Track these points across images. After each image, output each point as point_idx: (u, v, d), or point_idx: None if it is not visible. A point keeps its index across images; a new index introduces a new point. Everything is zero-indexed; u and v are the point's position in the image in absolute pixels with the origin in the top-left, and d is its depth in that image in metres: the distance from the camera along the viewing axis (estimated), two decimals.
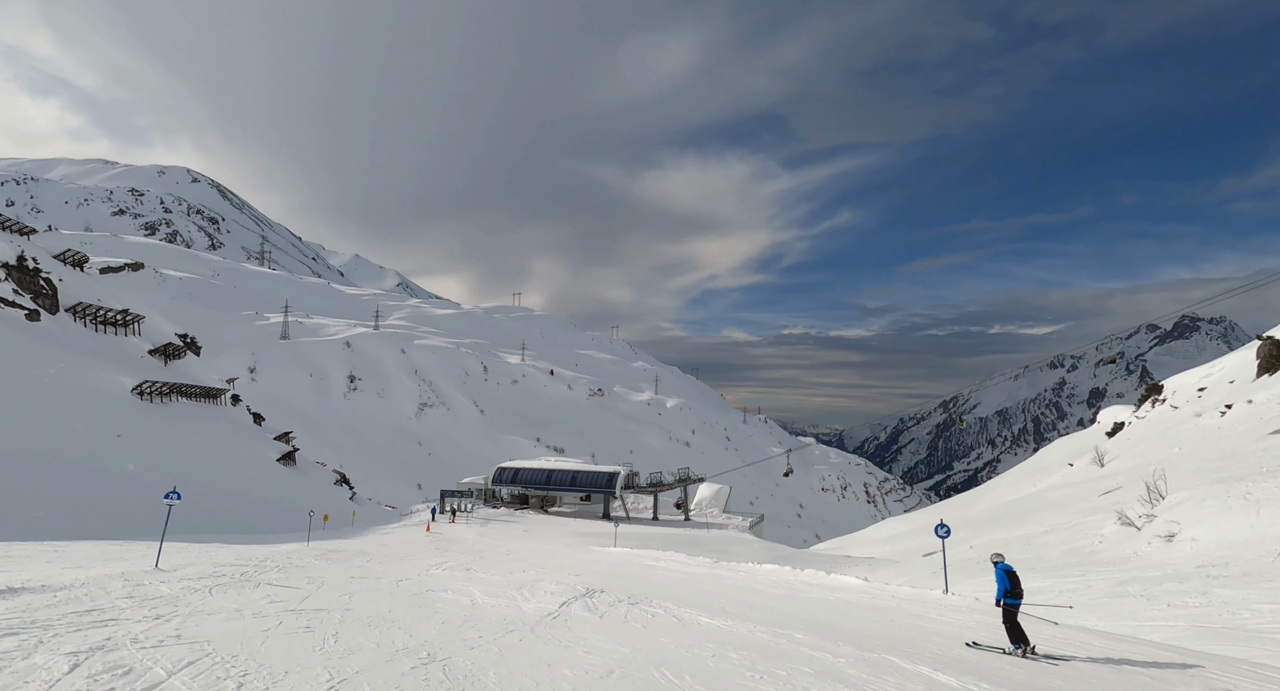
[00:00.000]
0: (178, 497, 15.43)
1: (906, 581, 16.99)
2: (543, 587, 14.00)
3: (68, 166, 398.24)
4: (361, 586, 13.22)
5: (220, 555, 17.40)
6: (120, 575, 12.02)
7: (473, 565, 18.58)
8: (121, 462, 30.55)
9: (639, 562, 21.69)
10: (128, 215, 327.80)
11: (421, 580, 14.88)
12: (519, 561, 20.41)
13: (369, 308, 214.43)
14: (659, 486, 54.19)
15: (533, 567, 18.93)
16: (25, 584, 10.30)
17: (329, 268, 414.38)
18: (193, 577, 12.53)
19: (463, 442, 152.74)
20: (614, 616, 10.97)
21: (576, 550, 26.54)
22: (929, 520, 52.01)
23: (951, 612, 12.45)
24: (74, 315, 40.74)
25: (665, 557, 23.23)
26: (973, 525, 29.51)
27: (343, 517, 39.57)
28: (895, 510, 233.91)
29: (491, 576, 16.17)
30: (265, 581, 12.84)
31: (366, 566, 17.46)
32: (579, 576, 16.64)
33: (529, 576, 16.25)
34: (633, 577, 17.26)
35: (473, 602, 11.81)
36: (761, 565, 19.54)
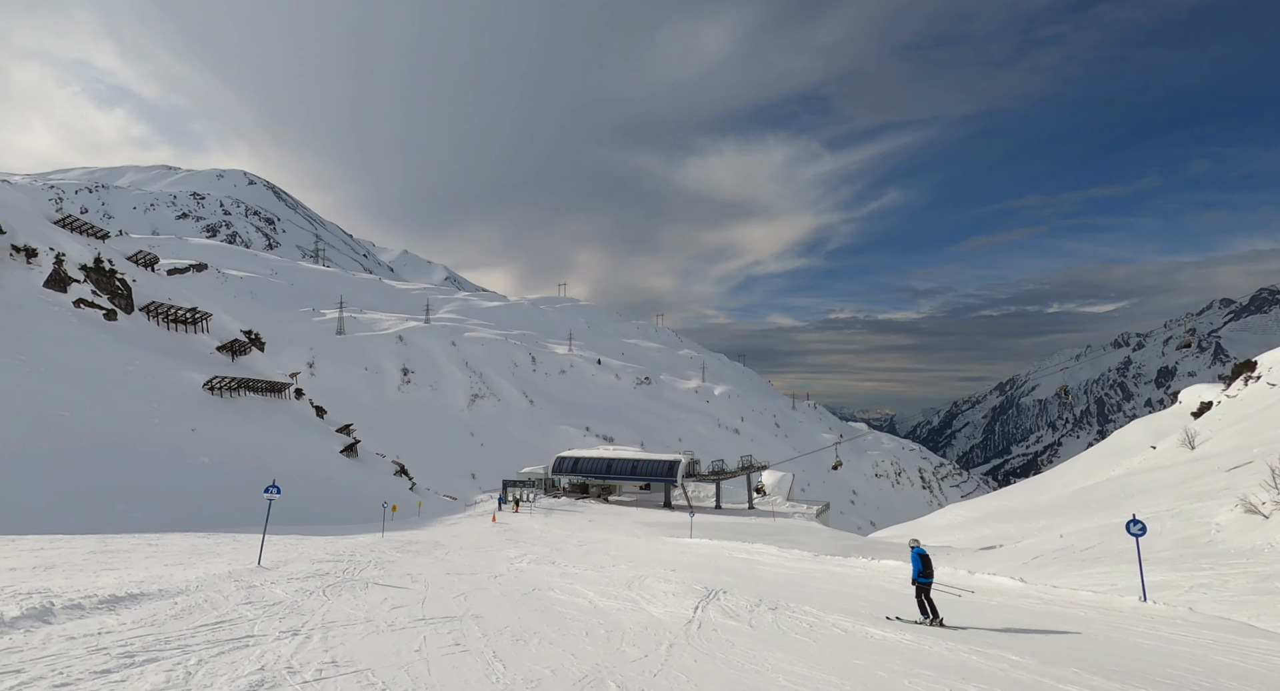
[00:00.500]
0: (277, 492, 15.24)
1: (1001, 571, 15.99)
2: (653, 586, 13.53)
3: (134, 173, 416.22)
4: (466, 585, 12.98)
5: (307, 548, 17.64)
6: (228, 574, 11.97)
7: (555, 558, 18.49)
8: (196, 455, 31.51)
9: (730, 555, 21.13)
10: (190, 218, 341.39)
11: (516, 576, 14.71)
12: (600, 554, 20.20)
13: (419, 302, 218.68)
14: (721, 475, 53.44)
15: (620, 561, 18.70)
16: (142, 587, 10.11)
17: (379, 264, 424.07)
18: (299, 577, 12.44)
19: (513, 433, 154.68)
20: (765, 625, 10.22)
21: (650, 541, 26.21)
22: (996, 506, 50.22)
23: (1169, 627, 10.50)
24: (147, 314, 42.29)
25: (756, 550, 22.62)
26: (1054, 512, 28.11)
27: (408, 508, 40.23)
28: (952, 496, 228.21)
29: (582, 570, 16.01)
30: (370, 580, 12.76)
31: (449, 559, 17.47)
32: (676, 571, 16.31)
33: (627, 572, 15.92)
34: (739, 574, 16.68)
35: (593, 605, 11.46)
36: (880, 561, 18.38)
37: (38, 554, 13.27)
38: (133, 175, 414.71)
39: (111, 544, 15.79)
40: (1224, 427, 33.80)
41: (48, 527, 20.02)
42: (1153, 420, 52.69)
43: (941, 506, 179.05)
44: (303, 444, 42.91)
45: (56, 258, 37.38)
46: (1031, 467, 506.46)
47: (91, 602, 8.54)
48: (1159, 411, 64.58)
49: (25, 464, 23.74)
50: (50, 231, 40.05)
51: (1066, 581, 14.14)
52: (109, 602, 8.71)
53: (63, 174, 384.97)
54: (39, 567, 11.55)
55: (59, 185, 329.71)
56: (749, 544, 24.43)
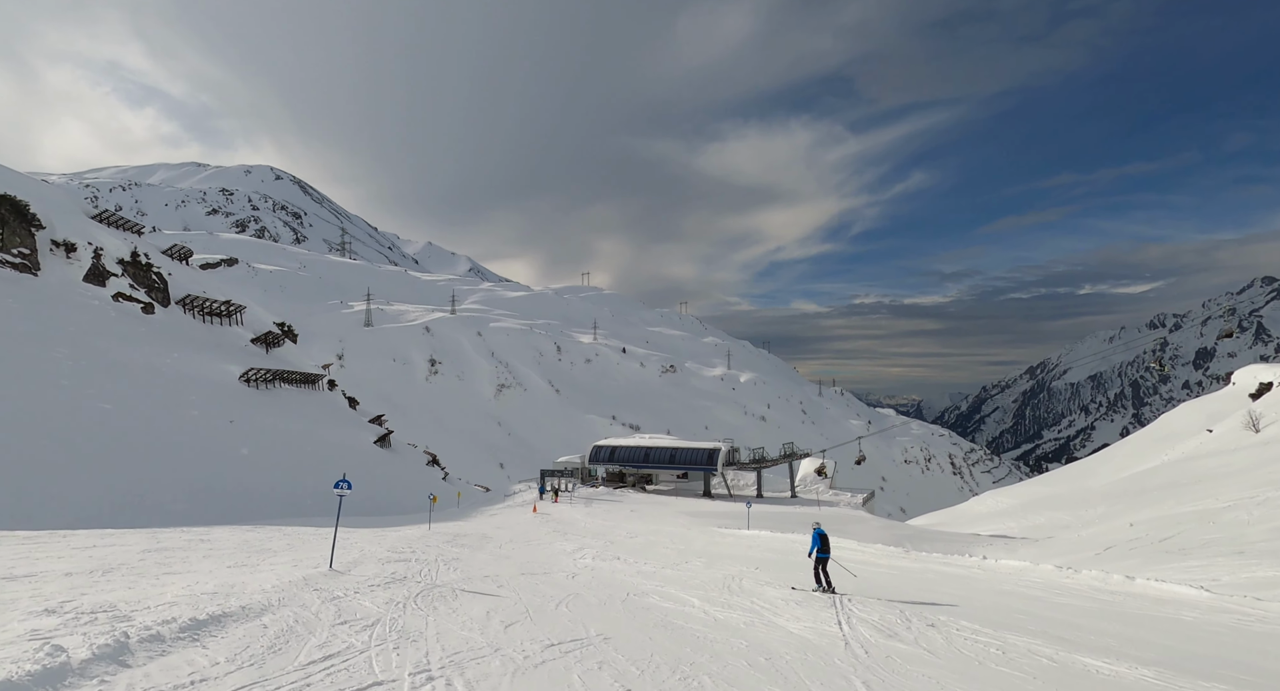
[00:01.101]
0: (348, 487, 13.94)
1: (1068, 565, 15.17)
2: (759, 590, 12.56)
3: (165, 171, 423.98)
4: (552, 589, 12.15)
5: (363, 544, 17.38)
6: (303, 581, 11.13)
7: (617, 553, 18.11)
8: (236, 447, 31.65)
9: (804, 550, 20.13)
10: (220, 214, 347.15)
11: (594, 576, 14.25)
12: (661, 547, 19.88)
13: (445, 293, 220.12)
14: (762, 463, 52.54)
15: (689, 555, 18.13)
16: (219, 602, 8.98)
17: (404, 256, 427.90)
18: (377, 583, 11.62)
19: (540, 422, 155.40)
20: (941, 649, 8.80)
21: (702, 531, 25.67)
22: (1039, 492, 48.90)
23: None
24: (183, 307, 42.67)
25: (836, 545, 21.93)
26: (1110, 499, 27.02)
27: (447, 500, 40.29)
28: (983, 482, 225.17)
29: (657, 567, 15.46)
30: (453, 585, 11.99)
31: (509, 555, 17.21)
32: (761, 569, 15.62)
33: (710, 570, 15.31)
34: (835, 574, 15.79)
35: (712, 617, 10.38)
36: (999, 560, 16.92)
37: (91, 553, 12.84)
38: (164, 173, 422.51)
39: (163, 539, 15.48)
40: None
41: (96, 522, 20.10)
42: (1204, 402, 50.81)
43: (973, 492, 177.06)
44: (338, 435, 43.09)
45: (95, 252, 37.77)
46: (1064, 452, 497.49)
47: (171, 630, 7.51)
48: (1205, 393, 62.39)
49: (72, 457, 23.91)
50: (88, 226, 40.47)
51: (1154, 574, 13.26)
52: (190, 629, 7.69)
53: (97, 173, 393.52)
54: (96, 572, 10.89)
55: (94, 184, 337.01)
56: (784, 535, 23.91)
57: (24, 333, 30.09)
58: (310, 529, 20.63)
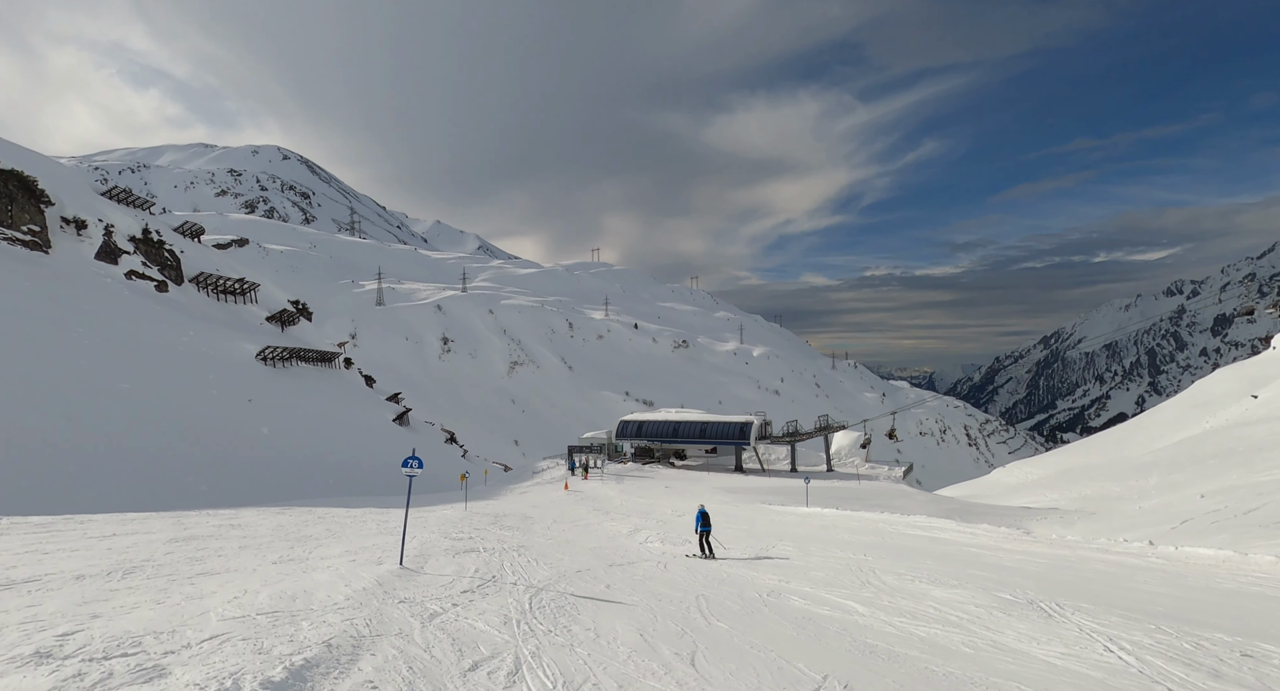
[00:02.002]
0: (419, 465, 11.67)
1: (1147, 537, 14.16)
2: (907, 589, 10.96)
3: (173, 152, 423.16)
4: (671, 591, 10.62)
5: (412, 530, 16.34)
6: (378, 586, 9.25)
7: (686, 536, 17.33)
8: (255, 426, 31.07)
9: (893, 530, 18.90)
10: (229, 195, 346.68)
11: (690, 569, 12.86)
12: (728, 528, 18.78)
13: (455, 271, 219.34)
14: (796, 436, 51.21)
15: (767, 537, 17.29)
16: (293, 638, 6.52)
17: (413, 234, 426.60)
18: (464, 586, 9.93)
19: (554, 399, 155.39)
20: None
21: (749, 509, 24.49)
22: (1070, 463, 47.84)
23: None
24: (197, 285, 41.97)
25: (920, 524, 20.12)
26: (1162, 469, 25.94)
27: (474, 478, 39.71)
28: (999, 452, 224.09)
29: (750, 556, 14.62)
30: (551, 586, 10.40)
31: (572, 539, 16.60)
32: (869, 556, 14.51)
33: (810, 557, 14.32)
34: (960, 560, 14.08)
35: (915, 636, 8.33)
36: (1156, 545, 14.33)
37: (110, 544, 11.43)
38: (171, 154, 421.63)
39: (189, 525, 14.43)
40: None
41: (116, 505, 19.48)
42: (1242, 368, 49.26)
43: (989, 464, 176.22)
44: (356, 413, 42.55)
45: (106, 229, 36.97)
46: (1078, 422, 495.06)
47: None
48: (1224, 360, 60.71)
49: (90, 438, 23.31)
50: (98, 203, 39.65)
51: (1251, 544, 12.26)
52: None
53: (106, 155, 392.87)
54: (115, 573, 9.05)
55: (103, 166, 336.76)
56: (906, 516, 22.10)
57: (37, 312, 29.45)
58: (342, 510, 19.91)
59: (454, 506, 22.57)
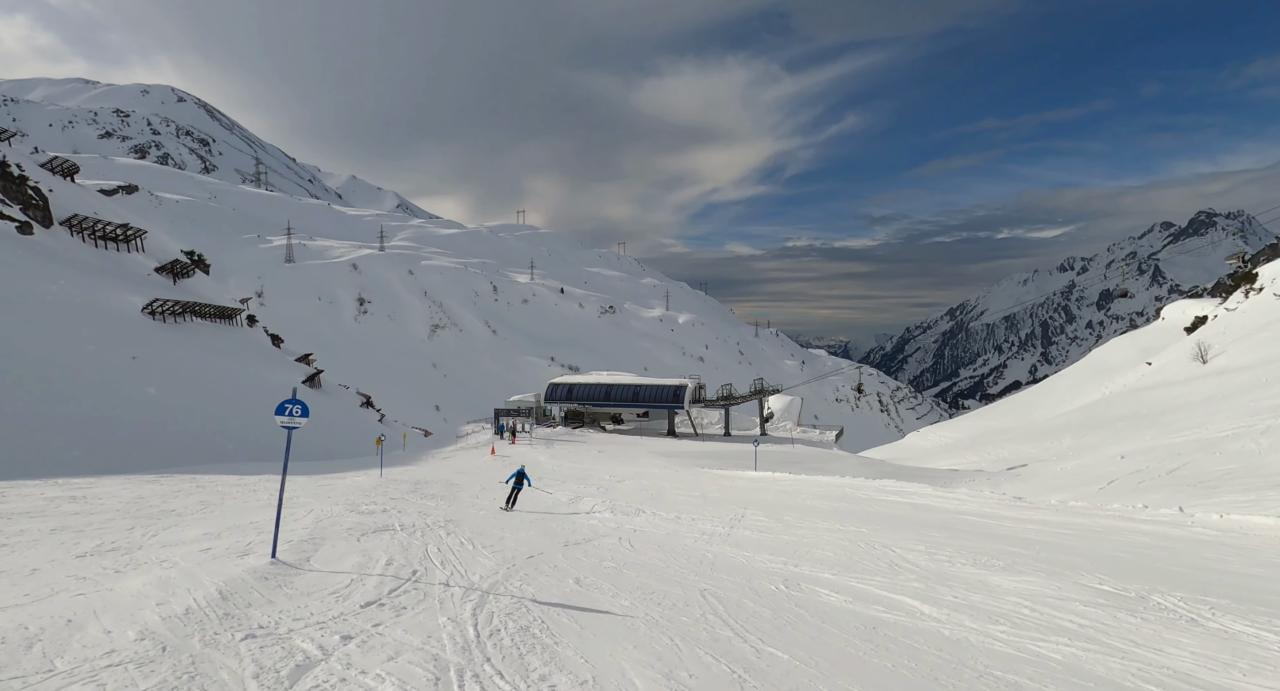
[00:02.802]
0: (302, 412, 8.59)
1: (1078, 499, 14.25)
2: (950, 574, 9.10)
3: (47, 87, 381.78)
4: (663, 586, 8.33)
5: (304, 497, 14.30)
6: (220, 603, 6.18)
7: (638, 505, 15.68)
8: (140, 386, 28.01)
9: (875, 497, 17.39)
10: (115, 137, 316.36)
11: (659, 545, 11.06)
12: (678, 495, 17.38)
13: (372, 229, 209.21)
14: (730, 400, 50.89)
15: (730, 505, 15.73)
16: None
17: (326, 190, 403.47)
18: (369, 595, 6.93)
19: (477, 364, 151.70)
20: None
21: (695, 474, 23.32)
22: (982, 426, 50.05)
23: None
24: (70, 229, 37.29)
25: (907, 490, 18.83)
26: (1071, 432, 27.00)
27: (392, 442, 37.47)
28: (908, 418, 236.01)
29: (713, 526, 13.02)
30: (502, 589, 7.66)
31: (495, 507, 15.11)
32: (864, 528, 12.73)
33: (803, 533, 12.28)
34: (972, 532, 12.46)
35: (979, 641, 6.50)
36: (1189, 512, 12.50)
37: None
38: (45, 88, 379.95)
39: (12, 499, 11.44)
40: (1235, 341, 33.08)
41: None
42: (1137, 336, 52.55)
43: (899, 429, 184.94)
44: (260, 374, 39.39)
45: None
46: (978, 389, 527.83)
47: None
48: (1108, 332, 64.96)
49: None
50: None
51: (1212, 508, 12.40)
52: None
53: None
54: None
55: None
56: (846, 478, 21.17)
57: None
58: (232, 478, 17.86)
59: (367, 472, 20.69)
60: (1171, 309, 51.67)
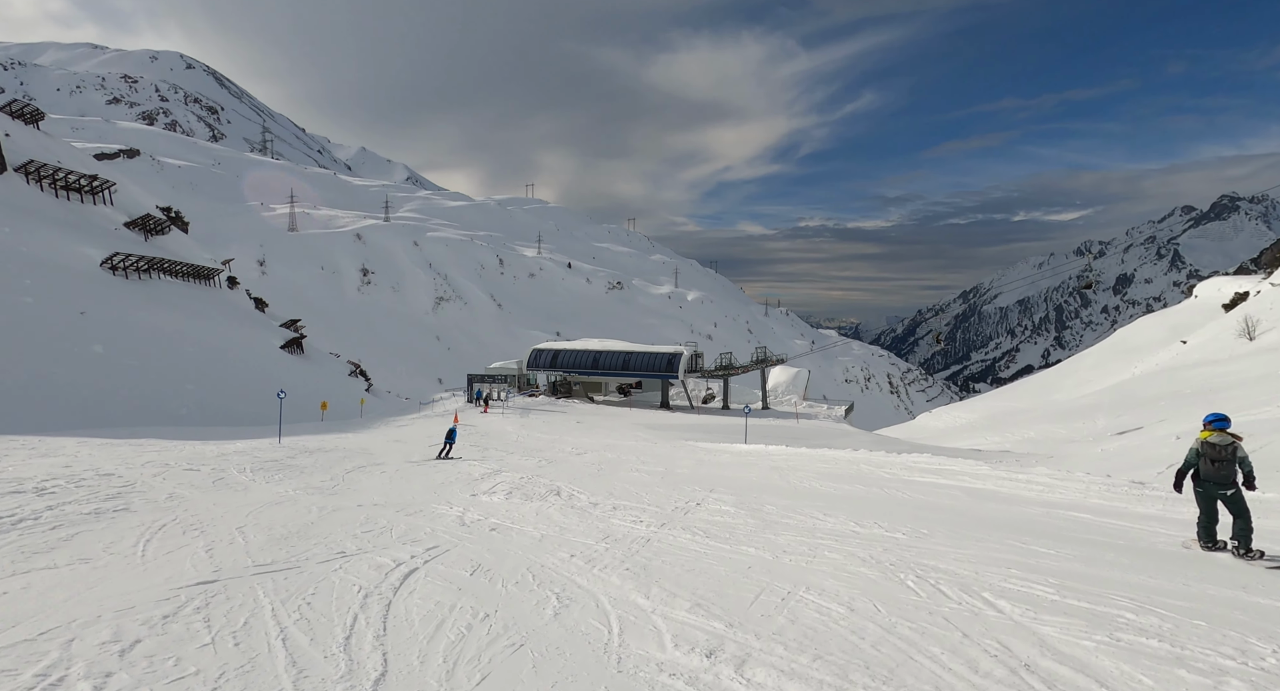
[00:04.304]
0: None
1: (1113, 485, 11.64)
2: None
3: (56, 51, 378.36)
4: None
5: (103, 460, 11.83)
6: None
7: (560, 484, 11.71)
8: (86, 343, 25.78)
9: (905, 478, 13.23)
10: (123, 103, 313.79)
11: (493, 545, 7.35)
12: (632, 472, 13.79)
13: (378, 199, 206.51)
14: (729, 370, 47.34)
15: (692, 485, 11.88)
16: None
17: (335, 161, 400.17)
18: None
19: (481, 337, 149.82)
20: None
21: (674, 447, 20.20)
22: (1000, 407, 47.32)
23: None
24: (26, 176, 34.92)
25: (948, 468, 14.30)
26: (1105, 411, 24.33)
27: (345, 407, 35.03)
28: (918, 400, 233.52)
29: (654, 528, 8.33)
30: None
31: (356, 484, 11.44)
32: (903, 528, 8.31)
33: (791, 541, 7.64)
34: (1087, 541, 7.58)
35: None
36: None
37: None
38: (54, 53, 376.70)
39: None
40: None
41: None
42: (1167, 315, 49.46)
43: (908, 411, 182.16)
44: (233, 336, 37.19)
45: None
46: (989, 373, 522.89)
47: None
48: (1133, 317, 61.75)
49: None
50: None
51: None
52: None
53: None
54: None
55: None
56: (858, 452, 17.56)
57: None
58: (178, 442, 15.52)
59: (266, 440, 17.59)
60: (1206, 286, 48.54)
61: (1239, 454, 6.89)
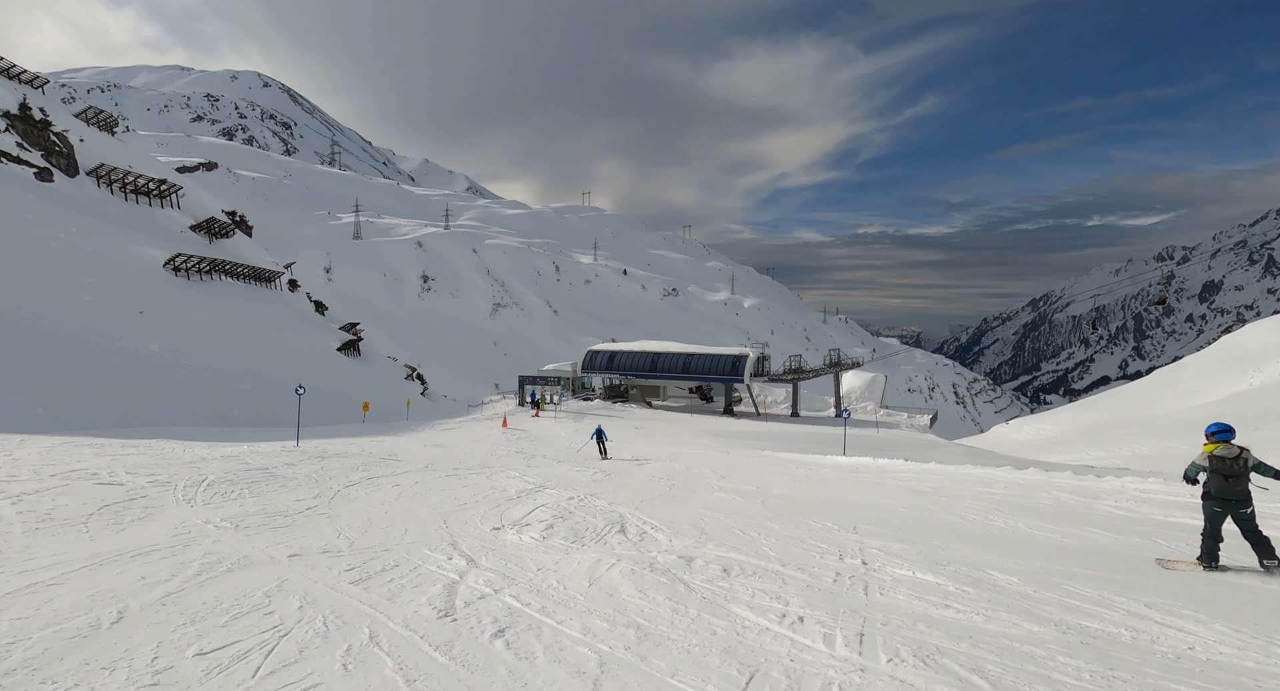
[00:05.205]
0: None
1: None
2: None
3: (148, 74, 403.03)
4: None
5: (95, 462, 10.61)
6: None
7: (619, 500, 9.60)
8: (143, 342, 25.70)
9: (1133, 511, 9.62)
10: (205, 120, 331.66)
11: None
12: (723, 499, 10.90)
13: (438, 208, 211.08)
14: (799, 373, 43.93)
15: (808, 514, 9.13)
16: None
17: (399, 172, 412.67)
18: None
19: (537, 342, 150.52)
20: None
21: (751, 457, 17.73)
22: (1091, 419, 43.57)
23: None
24: (97, 179, 35.80)
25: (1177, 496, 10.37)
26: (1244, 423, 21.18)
27: (395, 409, 34.27)
28: (985, 412, 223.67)
29: (850, 645, 4.79)
30: None
31: (341, 509, 9.16)
32: None
33: None
34: None
35: None
36: None
37: None
38: (146, 76, 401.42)
39: None
40: None
41: None
42: None
43: (975, 422, 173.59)
44: (290, 338, 37.19)
45: None
46: (1061, 384, 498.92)
47: None
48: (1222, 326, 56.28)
49: None
50: None
51: None
52: None
53: (74, 74, 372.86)
54: None
55: (70, 84, 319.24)
56: (1004, 471, 14.11)
57: None
58: (195, 444, 14.70)
59: (284, 442, 16.27)
60: None
61: (1250, 463, 6.44)
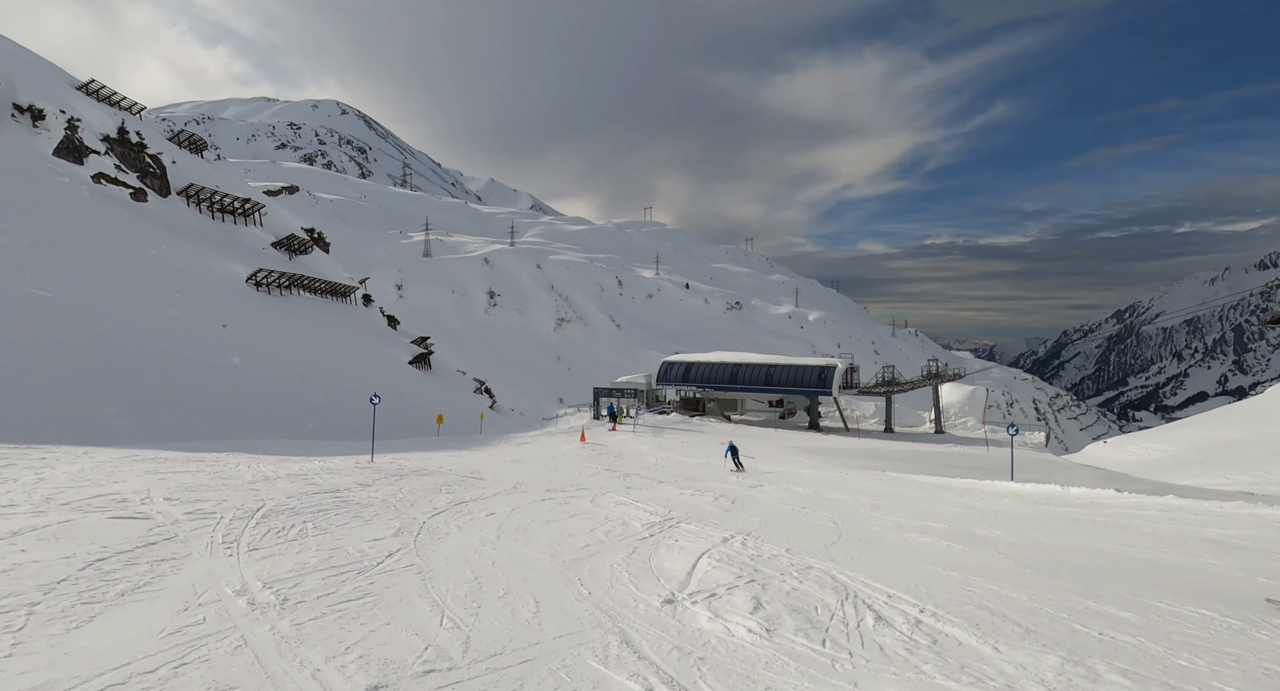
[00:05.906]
0: None
1: None
2: None
3: (237, 106, 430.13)
4: None
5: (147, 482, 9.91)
6: None
7: (755, 527, 8.05)
8: (225, 355, 26.12)
9: None
10: (288, 148, 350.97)
11: None
12: (915, 545, 9.30)
13: (504, 225, 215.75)
14: (894, 385, 41.46)
15: (1098, 583, 7.65)
16: None
17: (467, 192, 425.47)
18: None
19: (601, 357, 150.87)
20: None
21: (886, 482, 15.89)
22: (1211, 437, 39.52)
23: None
24: (187, 199, 37.25)
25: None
26: None
27: (467, 422, 33.83)
28: (1070, 428, 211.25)
29: None
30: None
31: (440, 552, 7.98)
32: None
33: None
34: None
35: None
36: None
37: None
38: (236, 107, 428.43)
39: None
40: None
41: (9, 434, 14.55)
42: None
43: (1059, 439, 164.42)
44: (364, 352, 37.59)
45: (69, 122, 32.29)
46: (1152, 400, 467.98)
47: None
48: None
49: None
50: (67, 95, 35.04)
51: None
52: None
53: (173, 108, 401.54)
54: None
55: (170, 117, 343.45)
56: (1234, 506, 12.02)
57: None
58: (264, 457, 14.35)
59: (359, 457, 15.46)
60: None
61: None
